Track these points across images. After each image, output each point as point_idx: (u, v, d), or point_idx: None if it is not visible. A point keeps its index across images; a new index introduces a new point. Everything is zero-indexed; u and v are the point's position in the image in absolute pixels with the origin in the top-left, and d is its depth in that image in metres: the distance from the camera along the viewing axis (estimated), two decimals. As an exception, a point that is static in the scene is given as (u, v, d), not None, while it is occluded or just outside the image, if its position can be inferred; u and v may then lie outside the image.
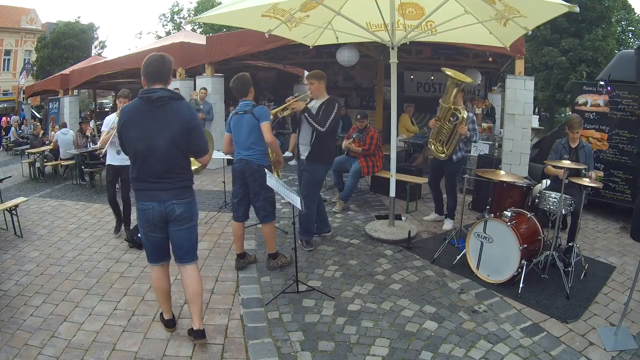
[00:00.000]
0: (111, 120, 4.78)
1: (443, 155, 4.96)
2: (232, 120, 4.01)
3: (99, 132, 8.56)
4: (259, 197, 3.90)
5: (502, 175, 4.19)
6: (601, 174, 5.90)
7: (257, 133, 3.87)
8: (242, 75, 3.98)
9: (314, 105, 4.43)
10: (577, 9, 3.20)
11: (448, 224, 5.19)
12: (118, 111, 4.57)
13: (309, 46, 5.36)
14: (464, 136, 4.84)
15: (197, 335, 2.91)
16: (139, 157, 2.72)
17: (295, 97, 4.75)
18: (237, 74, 4.00)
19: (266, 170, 3.78)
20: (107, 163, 4.85)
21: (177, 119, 2.71)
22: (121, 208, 5.02)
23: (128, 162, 4.63)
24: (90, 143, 8.40)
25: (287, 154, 9.08)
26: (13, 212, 5.33)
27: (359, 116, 5.98)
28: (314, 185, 4.48)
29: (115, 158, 4.74)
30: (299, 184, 4.74)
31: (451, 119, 4.86)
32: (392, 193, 4.91)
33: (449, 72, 4.79)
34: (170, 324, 3.11)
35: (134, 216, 5.67)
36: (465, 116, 4.76)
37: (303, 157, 4.45)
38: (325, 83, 4.44)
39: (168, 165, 2.73)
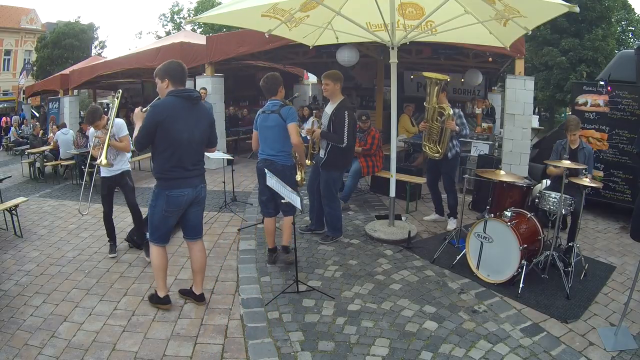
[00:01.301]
0: (93, 134, 4.53)
1: (438, 154, 5.01)
2: (258, 118, 4.06)
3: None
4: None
5: (502, 175, 4.19)
6: (601, 174, 5.90)
7: (283, 134, 3.92)
8: (272, 74, 4.07)
9: (327, 111, 4.53)
10: (577, 9, 3.20)
11: (452, 224, 5.17)
12: (95, 131, 4.47)
13: (309, 46, 5.36)
14: (454, 131, 4.90)
15: (200, 298, 3.46)
16: (180, 147, 3.06)
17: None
18: (268, 73, 4.09)
19: (266, 170, 3.79)
20: (102, 176, 4.50)
21: (206, 115, 3.28)
22: (111, 217, 4.65)
23: (121, 169, 4.45)
24: (90, 143, 8.38)
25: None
26: (13, 212, 5.33)
27: (363, 117, 5.95)
28: (331, 184, 4.58)
29: (107, 169, 4.40)
30: (312, 177, 4.81)
31: (438, 117, 4.94)
32: (392, 193, 4.91)
33: (427, 74, 4.94)
34: (167, 299, 3.35)
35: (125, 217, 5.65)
36: (450, 113, 4.86)
37: (321, 155, 4.59)
38: (341, 85, 4.47)
39: (199, 154, 3.24)
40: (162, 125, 2.99)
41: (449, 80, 4.98)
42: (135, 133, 3.13)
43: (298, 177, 4.31)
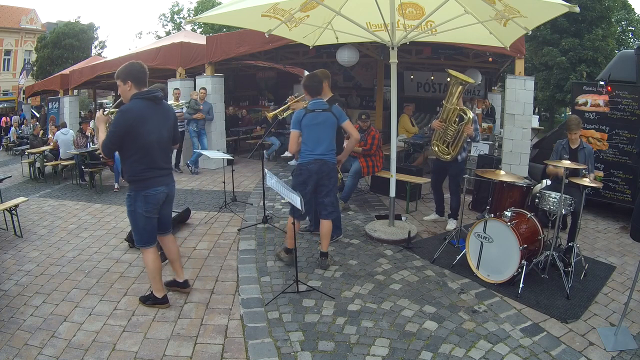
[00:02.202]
0: None
1: (449, 156, 4.97)
2: (305, 118, 3.89)
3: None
4: (331, 194, 4.01)
5: (502, 175, 4.18)
6: (601, 174, 5.90)
7: (333, 132, 3.95)
8: (314, 74, 4.10)
9: None
10: (577, 9, 3.20)
11: (452, 224, 5.18)
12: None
13: (309, 46, 5.36)
14: (470, 136, 4.86)
15: (184, 284, 3.60)
16: (151, 148, 3.11)
17: (296, 96, 4.78)
18: (311, 72, 4.11)
19: (266, 170, 3.80)
20: None
21: (170, 114, 3.34)
22: None
23: None
24: (90, 143, 8.40)
25: (287, 154, 9.10)
26: (13, 212, 5.33)
27: (363, 116, 5.94)
28: None
29: None
30: None
31: (456, 119, 4.87)
32: (392, 193, 4.91)
33: (453, 72, 4.83)
34: (166, 299, 3.41)
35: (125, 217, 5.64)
36: (471, 117, 4.81)
37: None
38: (328, 82, 4.51)
39: (167, 153, 3.32)
40: (132, 129, 3.00)
41: (473, 83, 4.94)
42: (101, 137, 3.11)
43: (339, 175, 4.34)
